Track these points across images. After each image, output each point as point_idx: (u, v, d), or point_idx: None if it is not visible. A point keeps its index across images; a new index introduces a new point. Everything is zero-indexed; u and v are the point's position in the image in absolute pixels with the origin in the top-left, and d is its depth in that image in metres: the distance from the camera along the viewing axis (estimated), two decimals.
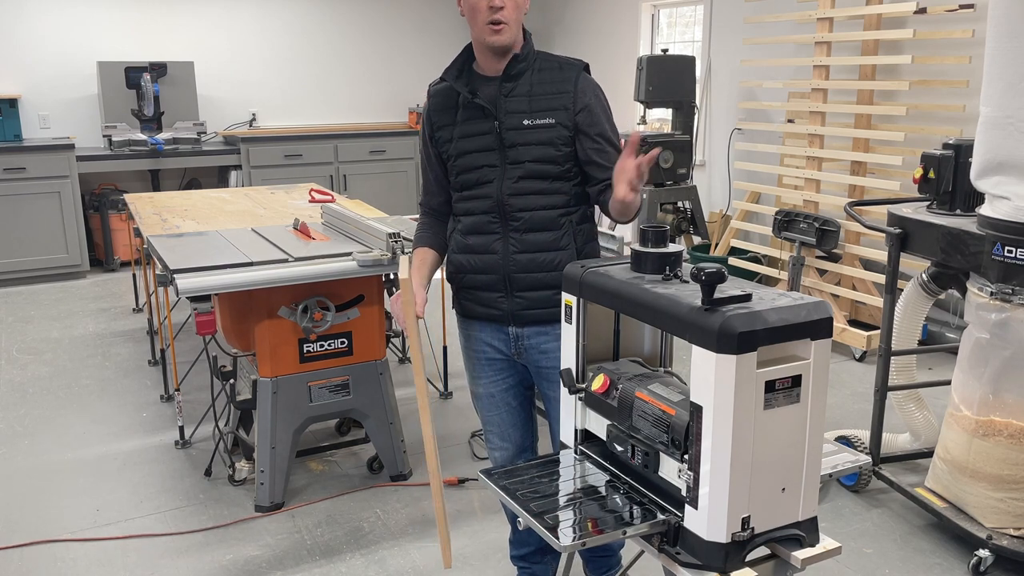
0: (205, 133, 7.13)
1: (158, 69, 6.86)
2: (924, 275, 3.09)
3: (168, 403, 4.09)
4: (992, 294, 2.65)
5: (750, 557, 1.50)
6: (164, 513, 3.15)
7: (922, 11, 4.58)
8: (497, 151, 2.11)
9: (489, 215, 2.14)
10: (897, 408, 3.29)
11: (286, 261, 2.99)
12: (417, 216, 2.43)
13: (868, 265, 4.82)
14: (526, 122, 2.09)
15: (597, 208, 2.22)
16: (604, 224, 3.95)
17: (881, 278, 3.76)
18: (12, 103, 6.45)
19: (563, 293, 1.82)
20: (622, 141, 2.24)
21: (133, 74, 6.76)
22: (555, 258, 2.11)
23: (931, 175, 3.01)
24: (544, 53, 2.16)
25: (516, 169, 2.10)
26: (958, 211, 2.96)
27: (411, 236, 2.58)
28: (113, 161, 6.63)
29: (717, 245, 5.94)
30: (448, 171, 2.21)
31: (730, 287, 1.48)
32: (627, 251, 1.86)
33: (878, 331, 3.73)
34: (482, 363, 2.28)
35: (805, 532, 1.55)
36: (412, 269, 2.22)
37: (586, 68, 2.16)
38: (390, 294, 3.38)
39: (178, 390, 3.64)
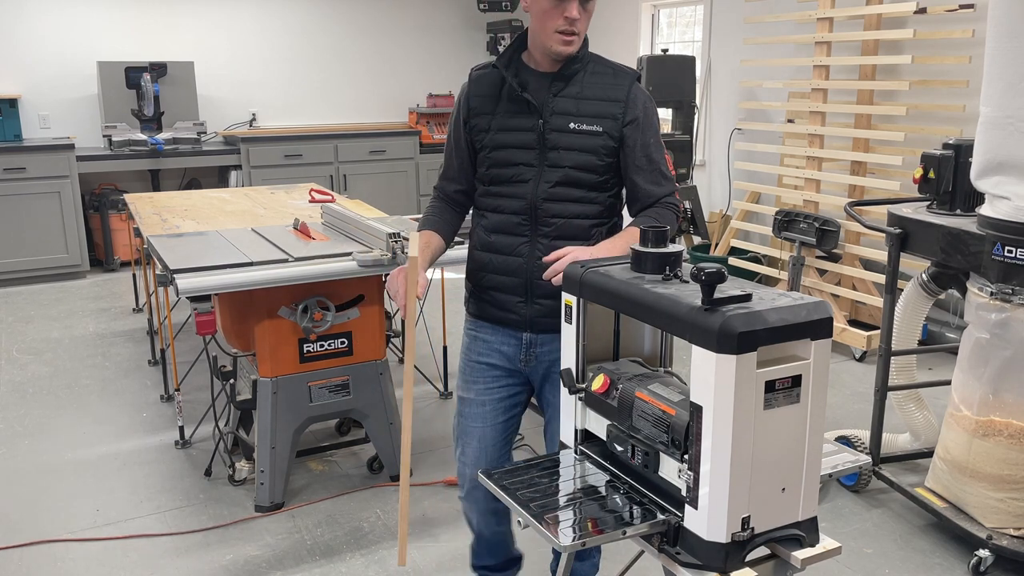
0: (205, 133, 7.13)
1: (158, 69, 6.86)
2: (924, 275, 3.09)
3: (168, 403, 4.09)
4: (992, 294, 2.65)
5: (750, 557, 1.50)
6: (164, 513, 3.15)
7: (922, 11, 4.58)
8: (537, 150, 2.04)
9: (520, 216, 2.07)
10: (897, 408, 3.29)
11: (286, 261, 2.99)
12: (416, 216, 2.38)
13: (868, 265, 4.82)
14: (572, 125, 2.02)
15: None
16: None
17: (881, 278, 3.76)
18: (12, 103, 6.45)
19: (563, 293, 1.82)
20: (668, 156, 2.20)
21: (133, 74, 6.76)
22: None
23: (931, 175, 3.01)
24: (597, 56, 2.10)
25: (554, 172, 2.03)
26: (958, 211, 2.96)
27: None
28: (113, 161, 6.63)
29: (717, 245, 5.94)
30: (478, 161, 2.13)
31: (730, 287, 1.48)
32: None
33: (878, 331, 3.73)
34: (482, 367, 2.20)
35: (805, 532, 1.55)
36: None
37: (638, 78, 2.10)
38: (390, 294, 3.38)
39: (178, 390, 3.64)
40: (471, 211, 2.25)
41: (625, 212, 2.19)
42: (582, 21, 1.98)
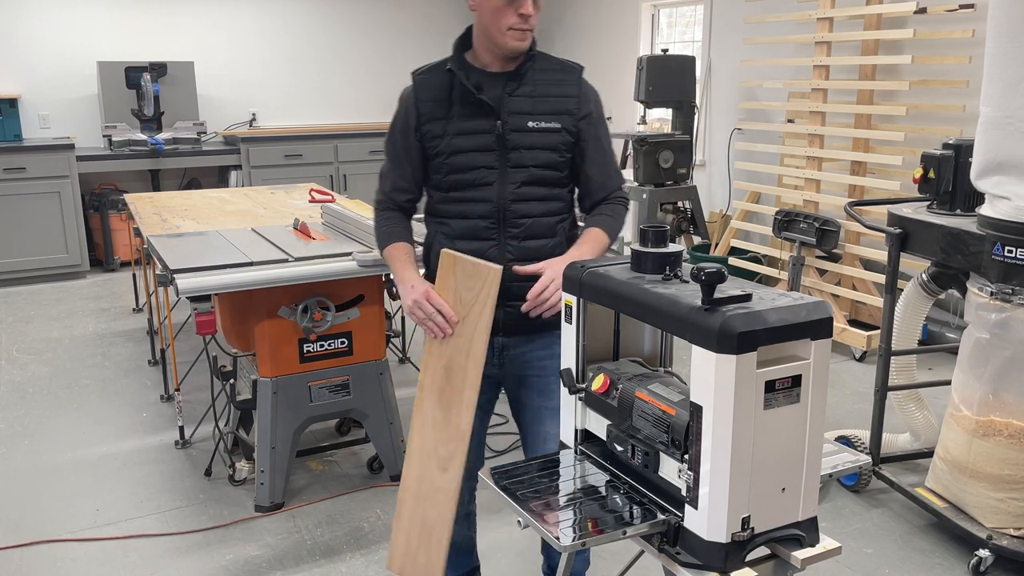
0: (205, 133, 7.13)
1: (158, 69, 6.86)
2: (924, 275, 3.09)
3: (168, 403, 4.09)
4: (992, 294, 2.65)
5: (750, 557, 1.50)
6: (164, 513, 3.15)
7: (922, 11, 4.58)
8: (497, 152, 2.03)
9: (487, 220, 2.05)
10: (897, 408, 3.29)
11: (286, 261, 2.99)
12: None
13: (868, 265, 4.82)
14: (531, 124, 2.01)
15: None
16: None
17: (881, 278, 3.76)
18: (12, 103, 6.45)
19: (563, 293, 1.82)
20: (617, 155, 2.22)
21: (133, 74, 6.76)
22: None
23: (931, 175, 3.02)
24: (541, 52, 2.10)
25: (519, 173, 2.03)
26: (958, 211, 2.96)
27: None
28: (113, 161, 6.63)
29: (717, 245, 5.94)
30: (432, 168, 2.10)
31: (730, 287, 1.48)
32: (627, 251, 1.86)
33: (878, 331, 3.73)
34: None
35: (805, 532, 1.55)
36: (405, 263, 2.09)
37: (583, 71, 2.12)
38: (391, 295, 3.38)
39: (178, 390, 3.64)
40: (424, 219, 2.22)
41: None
42: (534, 17, 1.99)
